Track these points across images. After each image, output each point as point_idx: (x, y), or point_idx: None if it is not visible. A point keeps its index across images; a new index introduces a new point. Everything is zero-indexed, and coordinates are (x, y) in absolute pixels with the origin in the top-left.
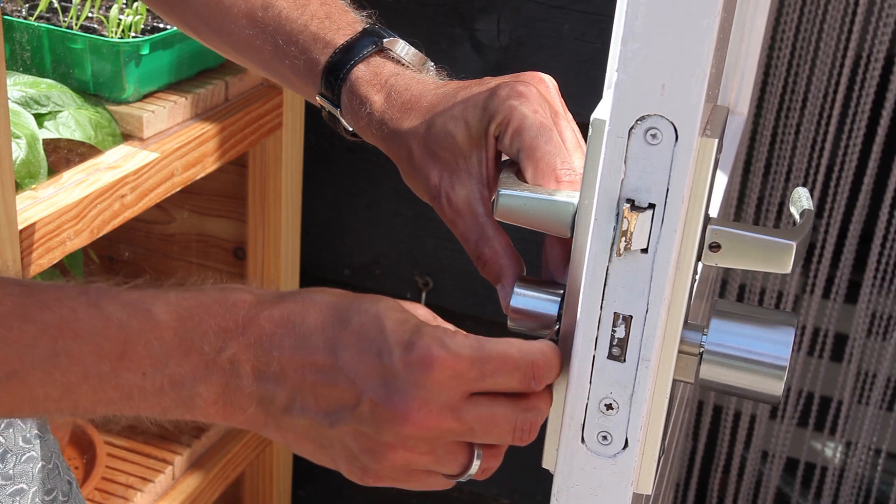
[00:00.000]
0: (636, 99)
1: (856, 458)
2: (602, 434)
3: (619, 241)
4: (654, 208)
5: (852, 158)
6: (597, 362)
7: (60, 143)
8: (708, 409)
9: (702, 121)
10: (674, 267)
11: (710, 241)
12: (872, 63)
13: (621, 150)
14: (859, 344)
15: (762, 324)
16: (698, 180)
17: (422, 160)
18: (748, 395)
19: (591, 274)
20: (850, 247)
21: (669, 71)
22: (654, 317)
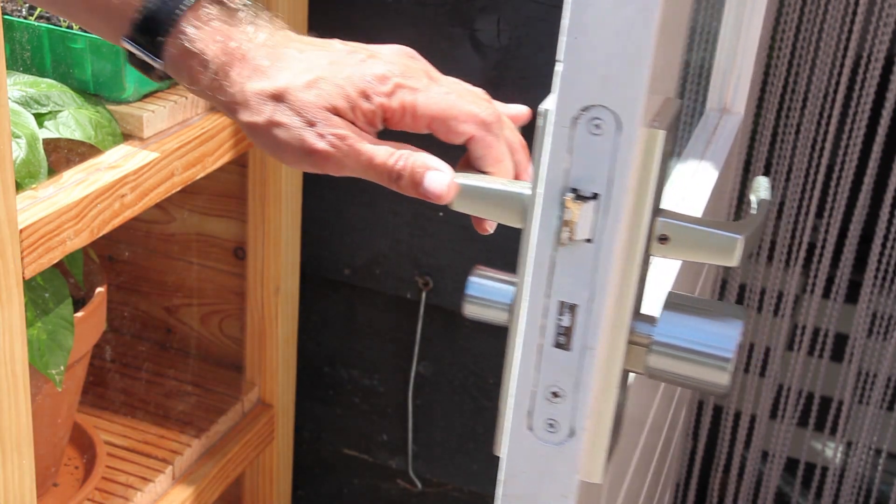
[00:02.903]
0: (579, 89)
1: (856, 458)
2: (549, 421)
3: (562, 230)
4: (599, 198)
5: (852, 158)
6: (544, 350)
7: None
8: (708, 409)
9: (646, 112)
10: (618, 257)
11: (658, 233)
12: (872, 63)
13: (565, 139)
14: (859, 344)
15: (711, 317)
16: (644, 171)
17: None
18: (696, 386)
19: (537, 262)
20: (850, 247)
21: (612, 62)
22: (598, 306)
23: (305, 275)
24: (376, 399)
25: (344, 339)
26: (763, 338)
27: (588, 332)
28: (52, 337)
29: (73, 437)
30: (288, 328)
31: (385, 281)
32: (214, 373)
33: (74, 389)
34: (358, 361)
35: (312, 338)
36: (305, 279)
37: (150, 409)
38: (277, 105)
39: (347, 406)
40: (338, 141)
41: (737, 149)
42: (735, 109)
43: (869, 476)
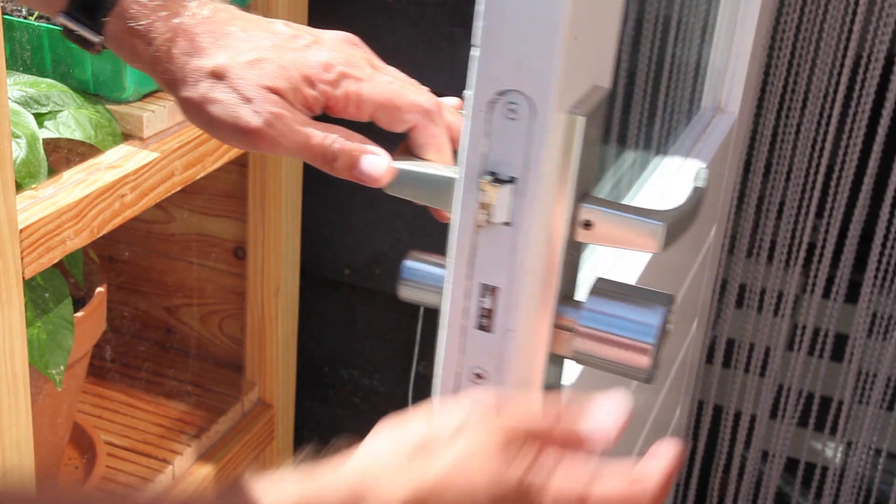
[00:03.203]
0: (495, 74)
1: (856, 458)
2: None
3: (479, 213)
4: (516, 182)
5: (852, 158)
6: (468, 332)
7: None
8: (708, 409)
9: (562, 97)
10: (539, 241)
11: (583, 219)
12: (872, 63)
13: (483, 123)
14: (859, 344)
15: (635, 303)
16: (564, 157)
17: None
18: (620, 371)
19: (458, 245)
20: (850, 247)
21: (525, 47)
22: (518, 289)
23: (305, 275)
24: (376, 399)
25: (344, 339)
26: (763, 338)
27: (509, 315)
28: (52, 337)
29: (73, 437)
30: (288, 328)
31: (385, 281)
32: (214, 373)
33: (74, 389)
34: (358, 361)
35: (312, 338)
36: (305, 279)
37: (150, 409)
38: (216, 82)
39: (347, 406)
40: (274, 119)
41: (731, 148)
42: (729, 109)
43: (869, 476)
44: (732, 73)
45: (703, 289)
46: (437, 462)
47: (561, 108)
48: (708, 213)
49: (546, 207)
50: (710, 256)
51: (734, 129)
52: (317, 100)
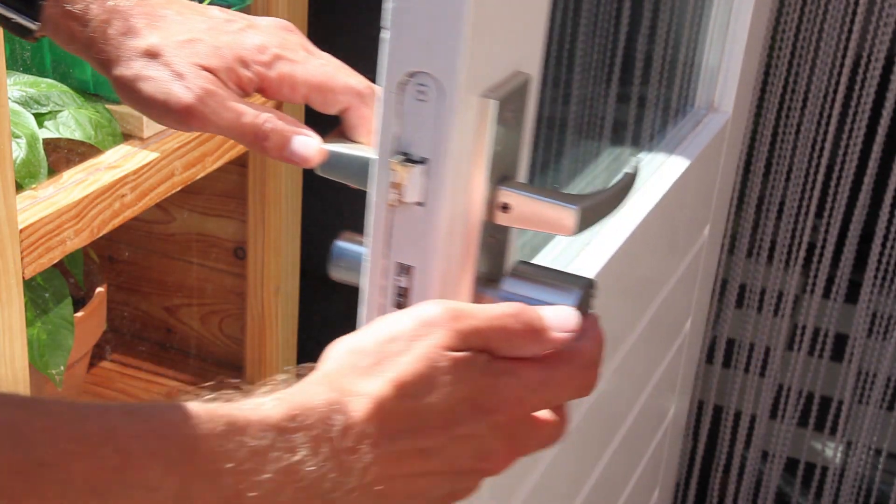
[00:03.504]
0: (404, 55)
1: (856, 458)
2: None
3: (391, 193)
4: (427, 163)
5: (852, 158)
6: (386, 311)
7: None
8: (708, 409)
9: (473, 80)
10: (453, 222)
11: (500, 201)
12: (872, 63)
13: (393, 104)
14: (859, 344)
15: (550, 286)
16: (477, 140)
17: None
18: None
19: (375, 224)
20: (850, 247)
21: (433, 28)
22: (431, 268)
23: (305, 275)
24: None
25: None
26: (763, 338)
27: (424, 294)
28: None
29: None
30: (288, 328)
31: None
32: (214, 373)
33: (74, 389)
34: None
35: (312, 338)
36: (305, 279)
37: None
38: (150, 61)
39: None
40: (205, 95)
41: (725, 148)
42: (723, 108)
43: (869, 476)
44: (726, 71)
45: (696, 289)
46: (397, 365)
47: (472, 90)
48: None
49: (459, 189)
50: (704, 256)
51: (727, 129)
52: (250, 80)
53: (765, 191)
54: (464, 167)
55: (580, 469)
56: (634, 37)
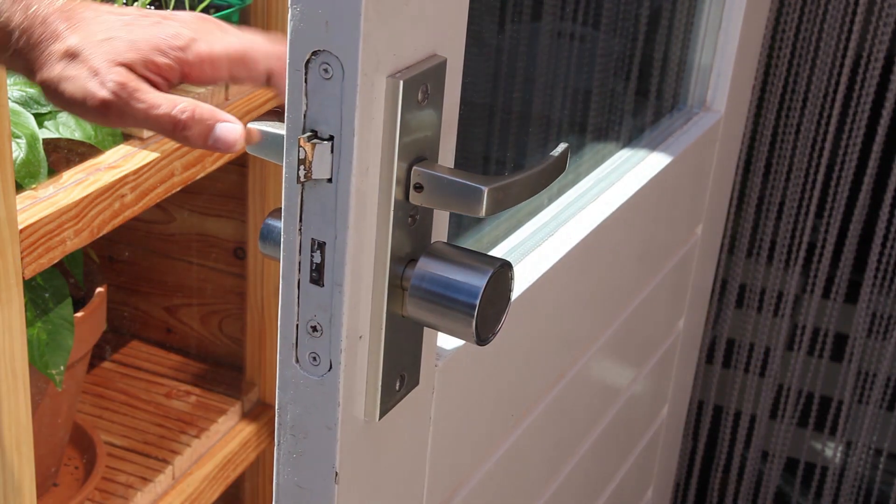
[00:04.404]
0: (307, 34)
1: (856, 458)
2: (312, 355)
3: (299, 169)
4: (334, 140)
5: (852, 158)
6: (301, 286)
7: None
8: (708, 409)
9: (378, 61)
10: (356, 197)
11: (413, 181)
12: (872, 63)
13: (300, 83)
14: (859, 344)
15: (464, 266)
16: (388, 119)
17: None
18: (450, 332)
19: (288, 200)
20: (850, 247)
21: (331, 8)
22: (342, 244)
23: None
24: None
25: None
26: (763, 338)
27: (336, 270)
28: (52, 337)
29: (73, 437)
30: None
31: None
32: (214, 373)
33: (74, 389)
34: None
35: None
36: None
37: (150, 409)
38: (70, 62)
39: None
40: (119, 88)
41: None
42: (715, 107)
43: (869, 476)
44: (718, 70)
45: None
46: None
47: (378, 71)
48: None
49: (367, 166)
50: (697, 256)
51: (720, 127)
52: (171, 67)
53: (765, 191)
54: (372, 146)
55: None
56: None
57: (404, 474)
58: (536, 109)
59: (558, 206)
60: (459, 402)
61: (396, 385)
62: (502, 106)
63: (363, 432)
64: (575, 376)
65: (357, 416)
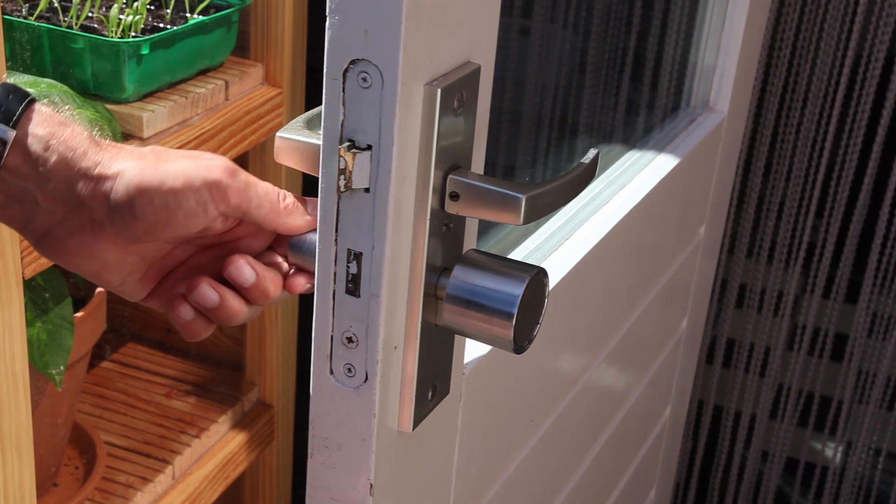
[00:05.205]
0: (346, 43)
1: (856, 458)
2: (347, 366)
3: (338, 179)
4: (372, 149)
5: (852, 158)
6: (337, 296)
7: None
8: (708, 409)
9: (416, 69)
10: (395, 207)
11: (449, 190)
12: (872, 63)
13: (338, 92)
14: (859, 344)
15: (500, 274)
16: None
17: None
18: (487, 340)
19: (324, 211)
20: (850, 247)
21: (370, 16)
22: (379, 254)
23: None
24: None
25: None
26: (763, 338)
27: (373, 280)
28: (52, 337)
29: (73, 437)
30: (288, 328)
31: None
32: (214, 373)
33: (74, 389)
34: None
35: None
36: None
37: (150, 409)
38: None
39: None
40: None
41: (721, 147)
42: (718, 108)
43: (869, 476)
44: (721, 71)
45: (693, 289)
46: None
47: (416, 79)
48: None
49: (405, 176)
50: (700, 256)
51: (723, 128)
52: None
53: (765, 191)
54: (410, 154)
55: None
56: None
57: (433, 484)
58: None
59: (571, 209)
60: (484, 410)
61: (429, 394)
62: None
63: (397, 443)
64: (588, 380)
65: (391, 427)
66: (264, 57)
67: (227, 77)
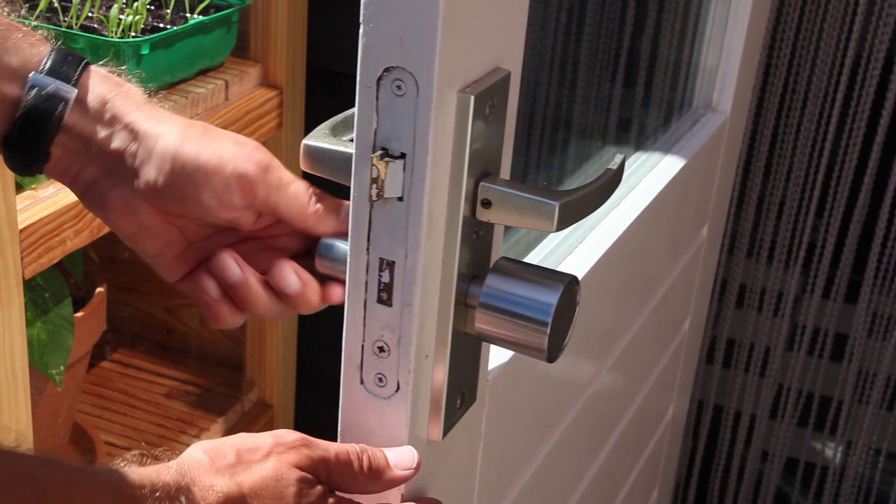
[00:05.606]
0: (380, 51)
1: (856, 458)
2: (378, 376)
3: (371, 188)
4: (406, 158)
5: (852, 158)
6: (368, 305)
7: None
8: (708, 409)
9: (450, 76)
10: (434, 217)
11: (481, 197)
12: (872, 63)
13: (371, 100)
14: (859, 344)
15: (534, 282)
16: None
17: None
18: (520, 349)
19: (356, 220)
20: (850, 247)
21: (405, 24)
22: (412, 263)
23: None
24: None
25: None
26: (763, 338)
27: (406, 289)
28: (52, 337)
29: (73, 437)
30: (288, 328)
31: None
32: (214, 373)
33: (74, 389)
34: None
35: (312, 338)
36: None
37: (150, 409)
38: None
39: None
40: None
41: (724, 148)
42: (721, 108)
43: (869, 476)
44: (724, 71)
45: (696, 289)
46: (250, 473)
47: (450, 86)
48: (698, 212)
49: (438, 184)
50: (703, 256)
51: (726, 128)
52: None
53: (765, 191)
54: (443, 162)
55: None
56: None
57: (458, 492)
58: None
59: None
60: (506, 416)
61: (458, 403)
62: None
63: (427, 452)
64: (599, 383)
65: (421, 436)
66: (264, 57)
67: (227, 77)
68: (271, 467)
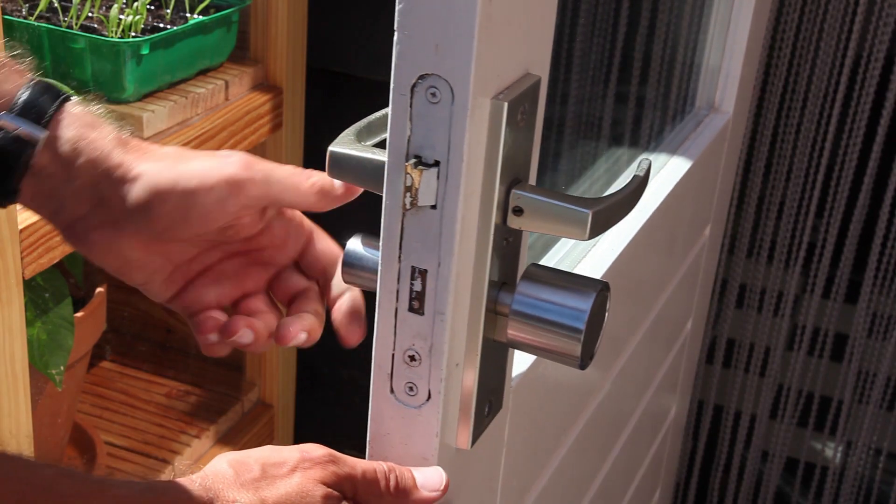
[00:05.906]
0: (414, 58)
1: (856, 458)
2: (408, 385)
3: (405, 196)
4: (440, 165)
5: (852, 158)
6: (399, 314)
7: None
8: (708, 409)
9: (484, 83)
10: (467, 225)
11: (513, 204)
12: (872, 63)
13: (405, 107)
14: (859, 344)
15: (566, 289)
16: (491, 142)
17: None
18: (552, 357)
19: (388, 228)
20: (850, 247)
21: (441, 31)
22: (445, 271)
23: None
24: None
25: None
26: (763, 338)
27: (438, 298)
28: (52, 337)
29: (73, 437)
30: None
31: None
32: (214, 373)
33: (74, 389)
34: (358, 361)
35: None
36: None
37: (150, 409)
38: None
39: (347, 406)
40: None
41: (727, 148)
42: (724, 108)
43: (869, 476)
44: (727, 72)
45: (698, 289)
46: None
47: (484, 93)
48: (701, 213)
49: (472, 192)
50: (705, 257)
51: (728, 129)
52: None
53: (765, 191)
54: (476, 170)
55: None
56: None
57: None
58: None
59: None
60: (526, 422)
61: (486, 410)
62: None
63: (455, 461)
64: (610, 386)
65: (450, 445)
66: (264, 57)
67: (227, 77)
68: (296, 483)
